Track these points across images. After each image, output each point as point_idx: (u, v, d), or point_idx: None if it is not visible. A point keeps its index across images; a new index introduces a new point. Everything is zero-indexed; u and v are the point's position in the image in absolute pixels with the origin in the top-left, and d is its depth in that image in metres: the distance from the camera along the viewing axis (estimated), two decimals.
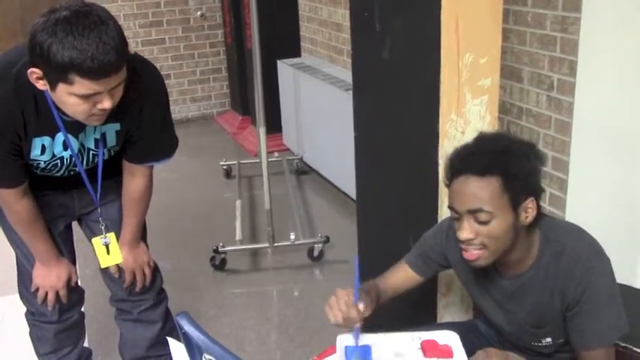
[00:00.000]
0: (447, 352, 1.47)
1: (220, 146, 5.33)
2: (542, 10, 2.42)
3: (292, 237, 3.34)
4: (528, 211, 1.45)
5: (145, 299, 2.16)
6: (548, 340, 1.62)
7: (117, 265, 2.05)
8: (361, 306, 1.51)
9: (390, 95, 2.04)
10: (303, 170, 4.60)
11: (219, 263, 3.30)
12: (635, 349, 1.91)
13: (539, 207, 1.47)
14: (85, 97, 1.52)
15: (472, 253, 1.46)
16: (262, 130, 3.28)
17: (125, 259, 2.05)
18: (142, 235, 2.14)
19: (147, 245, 2.16)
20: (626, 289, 2.20)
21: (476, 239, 1.44)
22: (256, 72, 3.28)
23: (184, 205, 4.18)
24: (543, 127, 2.53)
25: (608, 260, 1.50)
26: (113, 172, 1.97)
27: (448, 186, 1.50)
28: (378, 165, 2.19)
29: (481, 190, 1.40)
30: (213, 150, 5.20)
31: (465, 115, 1.99)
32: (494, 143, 1.46)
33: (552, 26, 2.39)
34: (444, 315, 2.20)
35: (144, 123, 1.82)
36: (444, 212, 2.04)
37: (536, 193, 1.46)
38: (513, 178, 1.40)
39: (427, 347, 1.49)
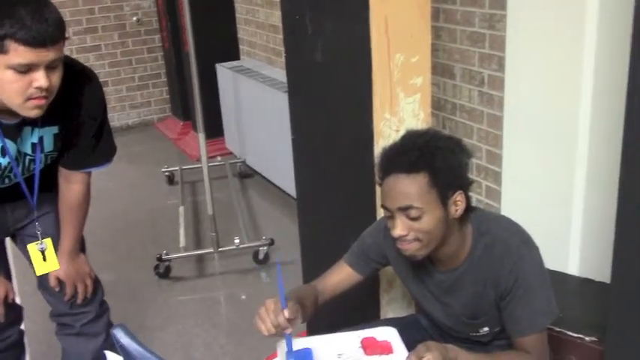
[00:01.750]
0: (387, 347, 1.50)
1: (162, 152, 5.27)
2: (470, 7, 2.48)
3: (237, 241, 3.33)
4: (457, 204, 1.49)
5: (87, 312, 2.12)
6: (486, 329, 1.67)
7: (57, 278, 2.01)
8: (286, 312, 1.51)
9: (324, 97, 2.06)
10: (247, 173, 4.59)
11: (163, 271, 3.26)
12: (568, 332, 1.99)
13: (468, 200, 1.52)
14: (21, 72, 1.49)
15: (407, 246, 1.50)
16: (202, 136, 3.26)
17: (65, 270, 2.01)
18: (81, 246, 2.10)
19: (86, 256, 2.12)
20: (559, 275, 2.29)
21: (409, 235, 1.47)
22: (194, 76, 3.26)
23: (126, 214, 4.11)
24: (476, 122, 2.60)
25: (536, 248, 1.56)
26: (49, 185, 1.93)
27: (380, 185, 1.53)
28: (316, 166, 2.21)
29: (409, 187, 1.44)
30: (154, 156, 5.14)
31: (398, 113, 2.02)
32: (419, 140, 1.48)
33: (481, 23, 2.45)
34: (387, 311, 2.23)
35: (82, 127, 1.80)
36: (381, 211, 2.06)
37: (464, 186, 1.51)
38: (440, 173, 1.44)
39: (367, 345, 1.51)
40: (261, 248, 3.35)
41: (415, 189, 1.43)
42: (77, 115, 1.76)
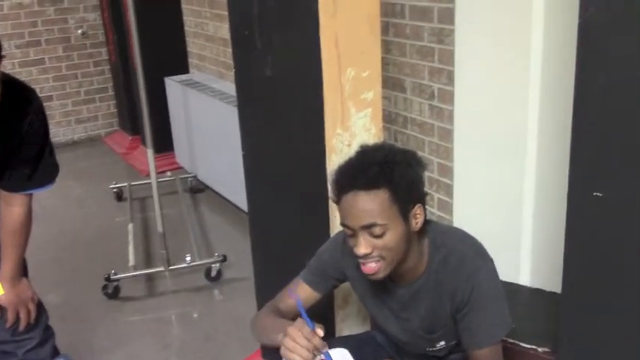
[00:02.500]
0: None
1: (110, 168, 5.14)
2: (419, 22, 2.50)
3: (188, 258, 3.26)
4: (417, 217, 1.48)
5: (31, 338, 2.04)
6: (442, 343, 1.66)
7: None
8: (319, 331, 1.48)
9: (274, 112, 2.03)
10: (198, 188, 4.52)
11: (112, 291, 3.17)
12: (521, 343, 2.01)
13: (425, 212, 1.51)
14: None
15: (371, 267, 1.47)
16: (150, 152, 3.19)
17: (7, 296, 1.93)
18: (23, 270, 2.02)
19: (28, 280, 2.04)
20: (511, 286, 2.31)
21: (373, 252, 1.45)
22: (141, 91, 3.19)
23: (73, 233, 3.99)
24: (428, 135, 2.62)
25: (491, 260, 1.57)
26: None
27: (337, 202, 1.50)
28: (268, 183, 2.18)
29: (371, 204, 1.42)
30: (102, 172, 5.01)
31: (350, 128, 2.01)
32: (377, 155, 1.47)
33: (429, 38, 2.47)
34: (342, 328, 2.21)
35: (22, 149, 1.74)
36: (335, 226, 2.05)
37: (422, 199, 1.50)
38: (399, 188, 1.43)
39: None
40: (213, 265, 3.29)
41: (377, 206, 1.41)
42: (17, 137, 1.70)
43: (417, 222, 1.49)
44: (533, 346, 1.99)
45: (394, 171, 1.43)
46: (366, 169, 1.43)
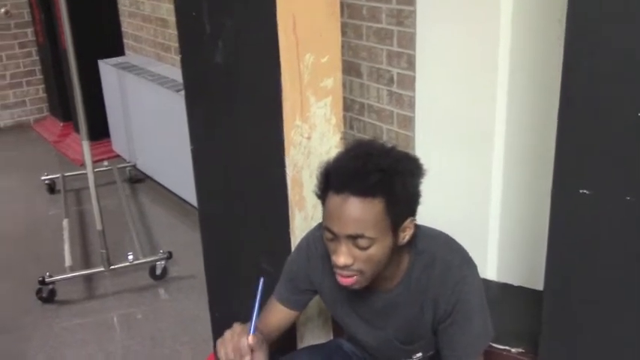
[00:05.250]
0: None
1: (41, 157, 4.81)
2: (376, 3, 2.34)
3: (130, 257, 3.04)
4: (406, 230, 1.34)
5: None
6: (419, 355, 1.54)
7: None
8: (251, 338, 1.33)
9: (226, 103, 1.85)
10: (137, 178, 4.27)
11: (47, 295, 2.92)
12: (494, 344, 1.91)
13: (415, 226, 1.37)
14: None
15: (347, 279, 1.33)
16: (86, 143, 2.93)
17: None
18: None
19: None
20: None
21: (354, 265, 1.30)
22: (73, 74, 2.91)
23: (2, 230, 3.69)
24: (386, 123, 2.48)
25: (476, 268, 1.46)
26: None
27: (320, 198, 1.34)
28: (220, 179, 1.99)
29: (364, 214, 1.26)
30: (32, 162, 4.68)
31: (309, 119, 1.85)
32: (381, 162, 1.28)
33: (388, 19, 2.32)
34: (304, 332, 2.07)
35: None
36: (295, 225, 1.90)
37: (415, 211, 1.36)
38: (397, 200, 1.28)
39: None
40: (158, 263, 3.08)
41: (370, 217, 1.26)
42: None
43: (404, 236, 1.35)
44: (507, 347, 1.89)
45: (397, 182, 1.27)
46: (368, 174, 1.26)
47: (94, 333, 2.74)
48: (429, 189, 2.34)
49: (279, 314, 1.61)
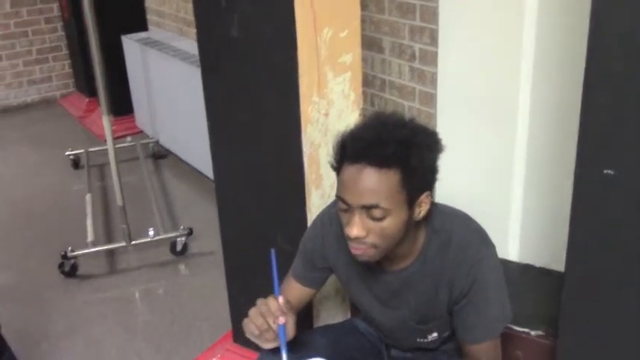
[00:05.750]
0: None
1: (66, 133, 4.83)
2: None
3: (151, 232, 3.05)
4: (422, 206, 1.32)
5: None
6: (434, 335, 1.52)
7: None
8: (281, 299, 1.33)
9: (242, 79, 1.81)
10: (161, 154, 4.27)
11: (69, 269, 2.95)
12: (513, 327, 1.87)
13: (432, 201, 1.34)
14: None
15: (360, 248, 1.31)
16: (106, 119, 2.93)
17: None
18: None
19: None
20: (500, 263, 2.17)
21: (367, 237, 1.28)
22: (93, 50, 2.90)
23: (27, 205, 3.72)
24: (407, 100, 2.42)
25: (494, 248, 1.42)
26: None
27: (336, 170, 1.32)
28: (237, 155, 1.97)
29: (379, 185, 1.24)
30: (58, 137, 4.71)
31: (327, 95, 1.82)
32: (397, 132, 1.27)
33: None
34: (320, 310, 2.05)
35: None
36: (311, 203, 1.87)
37: (433, 186, 1.33)
38: (413, 173, 1.25)
39: None
40: (178, 239, 3.08)
41: (385, 187, 1.24)
42: None
43: (420, 211, 1.32)
44: (526, 330, 1.86)
45: (413, 153, 1.25)
46: (384, 144, 1.24)
47: (114, 307, 2.77)
48: (450, 167, 2.29)
49: (295, 292, 1.60)
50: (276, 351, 1.37)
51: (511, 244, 2.19)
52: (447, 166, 2.31)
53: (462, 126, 2.20)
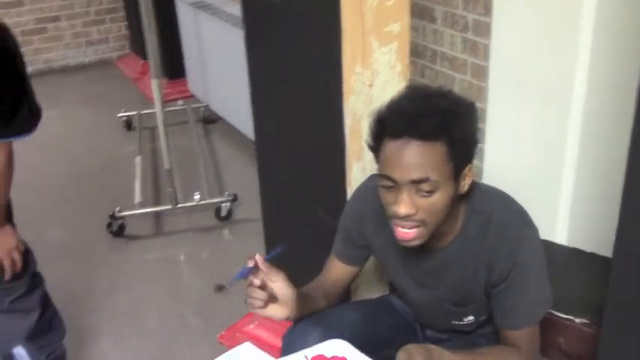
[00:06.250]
0: None
1: (121, 94, 4.91)
2: None
3: (197, 197, 3.08)
4: (466, 179, 1.28)
5: (17, 286, 1.89)
6: (471, 318, 1.47)
7: None
8: (257, 255, 1.34)
9: (284, 46, 1.78)
10: (211, 119, 4.29)
11: (117, 229, 3.01)
12: (556, 313, 1.80)
13: (473, 181, 1.31)
14: None
15: (408, 233, 1.26)
16: (155, 82, 2.94)
17: None
18: (8, 214, 1.84)
19: (13, 225, 1.86)
20: (546, 244, 2.08)
21: (417, 214, 1.23)
22: (145, 12, 2.91)
23: (80, 164, 3.81)
24: (459, 72, 2.34)
25: (536, 230, 1.36)
26: None
27: (373, 148, 1.28)
28: (278, 124, 1.95)
29: (427, 157, 1.20)
30: (113, 98, 4.79)
31: (372, 66, 1.75)
32: (440, 102, 1.23)
33: None
34: (359, 285, 2.02)
35: None
36: (352, 176, 1.83)
37: (473, 157, 1.29)
38: (459, 144, 1.22)
39: None
40: (223, 204, 3.10)
41: (433, 160, 1.20)
42: None
43: (465, 184, 1.28)
44: (570, 317, 1.78)
45: (457, 124, 1.21)
46: (429, 116, 1.19)
47: (158, 269, 2.82)
48: (499, 144, 2.23)
49: (337, 270, 1.57)
50: (306, 323, 1.39)
51: (559, 227, 2.10)
52: (496, 143, 2.25)
53: (513, 102, 2.11)
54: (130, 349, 2.32)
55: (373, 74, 1.76)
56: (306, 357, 1.28)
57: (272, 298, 1.35)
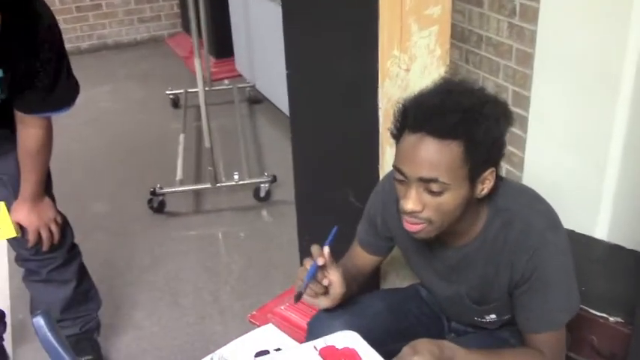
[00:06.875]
0: (351, 356, 1.25)
1: (171, 72, 4.98)
2: None
3: (236, 177, 3.10)
4: (485, 182, 1.22)
5: (54, 257, 1.94)
6: (493, 317, 1.44)
7: (19, 224, 1.81)
8: (326, 249, 1.33)
9: (320, 27, 1.75)
10: (256, 99, 4.30)
11: (157, 206, 3.06)
12: (590, 310, 1.75)
13: (497, 177, 1.24)
14: None
15: (413, 226, 1.23)
16: (197, 61, 2.98)
17: (27, 217, 1.82)
18: (47, 187, 1.88)
19: (53, 198, 1.91)
20: (585, 239, 2.03)
21: (422, 212, 1.20)
22: None
23: (126, 139, 3.89)
24: (504, 58, 2.27)
25: (564, 233, 1.30)
26: (6, 121, 1.71)
27: (396, 137, 1.24)
28: (313, 105, 1.93)
29: (439, 157, 1.15)
30: (163, 76, 4.86)
31: (409, 49, 1.72)
32: (462, 101, 1.17)
33: None
34: (388, 271, 2.00)
35: (32, 70, 1.57)
36: (385, 161, 1.81)
37: (498, 161, 1.23)
38: (478, 146, 1.15)
39: (327, 355, 1.26)
40: (262, 185, 3.11)
41: (446, 160, 1.15)
42: (24, 57, 1.54)
43: (483, 188, 1.22)
44: (604, 315, 1.73)
45: (478, 124, 1.15)
46: (447, 113, 1.14)
47: (196, 246, 2.85)
48: (541, 135, 2.16)
49: (361, 258, 1.56)
50: (332, 310, 1.38)
51: (600, 222, 2.02)
52: (539, 132, 2.18)
53: (558, 91, 2.04)
54: (162, 323, 2.36)
55: (411, 58, 1.73)
56: (315, 347, 1.27)
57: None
